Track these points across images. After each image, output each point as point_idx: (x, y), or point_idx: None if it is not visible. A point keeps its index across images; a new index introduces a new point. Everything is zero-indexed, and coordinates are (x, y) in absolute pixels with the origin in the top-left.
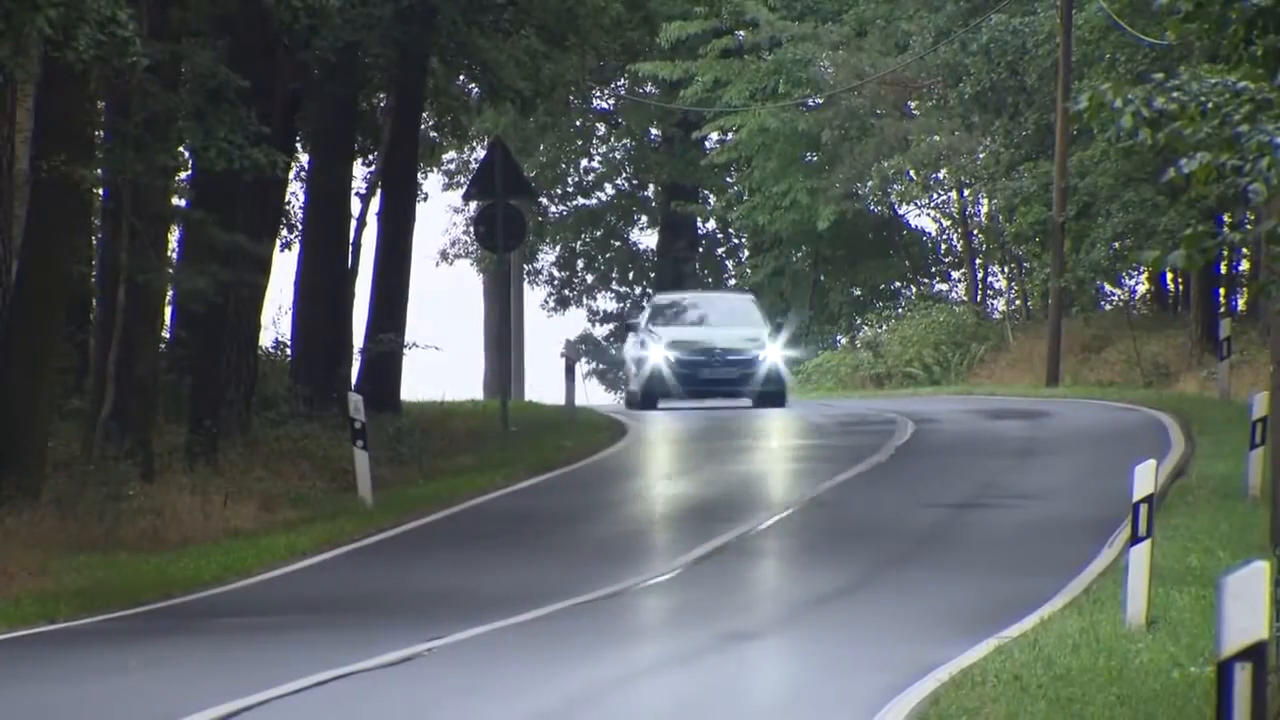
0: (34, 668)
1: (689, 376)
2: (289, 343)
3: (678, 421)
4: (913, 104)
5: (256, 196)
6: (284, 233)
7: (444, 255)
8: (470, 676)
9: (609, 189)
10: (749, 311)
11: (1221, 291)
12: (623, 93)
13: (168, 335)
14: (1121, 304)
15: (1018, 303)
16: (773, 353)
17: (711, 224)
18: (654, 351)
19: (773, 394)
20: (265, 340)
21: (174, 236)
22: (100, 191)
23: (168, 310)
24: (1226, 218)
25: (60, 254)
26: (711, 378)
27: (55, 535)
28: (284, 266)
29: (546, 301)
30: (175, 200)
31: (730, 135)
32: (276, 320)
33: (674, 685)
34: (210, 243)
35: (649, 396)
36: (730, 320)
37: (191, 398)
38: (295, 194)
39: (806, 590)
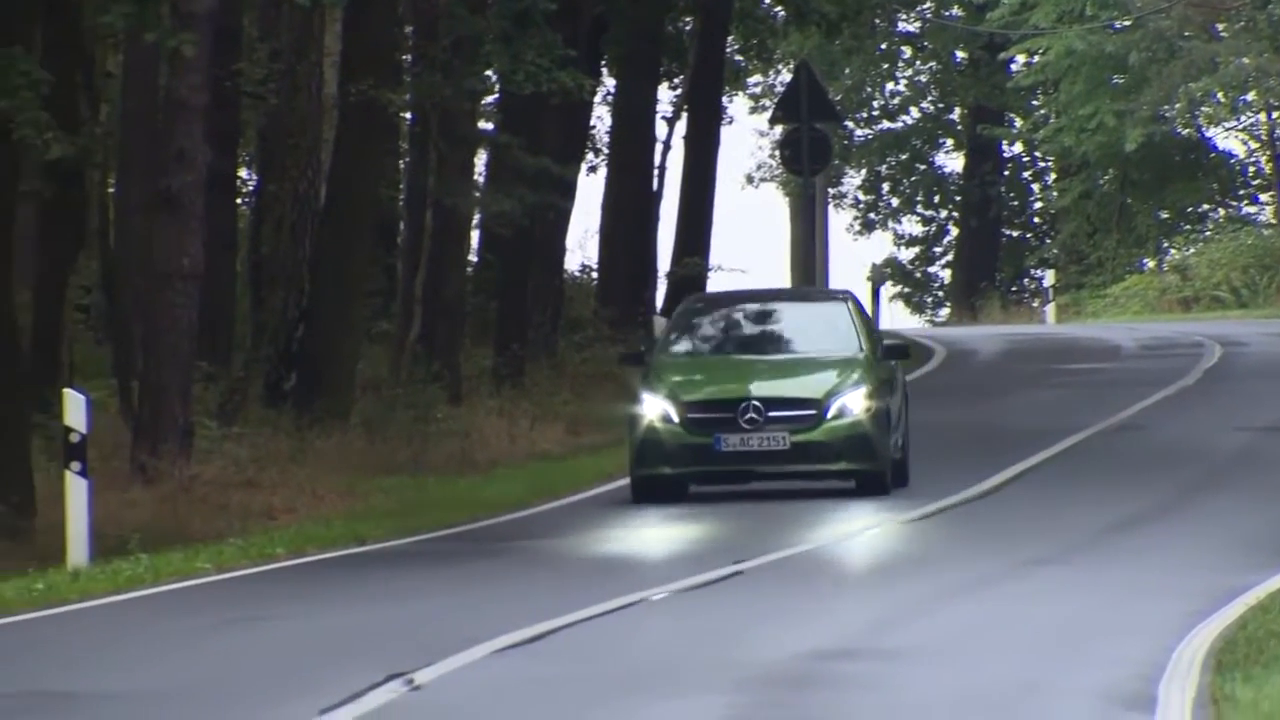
0: (344, 589)
1: (700, 450)
2: (595, 266)
3: (987, 344)
4: (1220, 26)
5: (563, 120)
6: (590, 156)
7: (749, 179)
8: (773, 601)
9: (914, 112)
10: (836, 328)
11: None
12: (928, 15)
13: (474, 259)
14: None
15: None
16: (860, 401)
17: (1017, 147)
18: (650, 404)
19: (864, 473)
20: (571, 264)
21: (480, 160)
22: (407, 116)
23: (474, 234)
24: None
25: (368, 178)
26: (739, 450)
27: (364, 458)
28: (589, 190)
29: (852, 225)
30: (482, 124)
31: (1036, 58)
32: (583, 244)
33: (973, 609)
34: (516, 166)
35: (640, 481)
36: (798, 343)
37: (498, 321)
38: (601, 117)
39: (1109, 515)
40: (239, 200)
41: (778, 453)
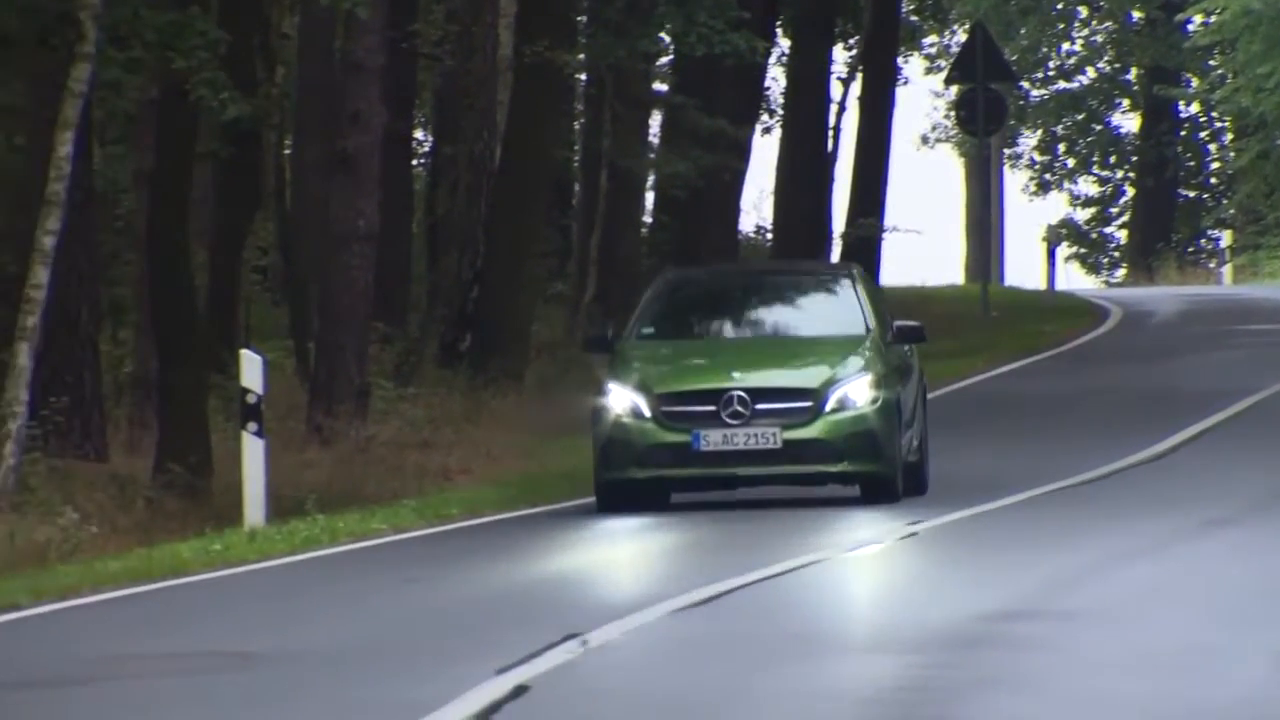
0: (519, 549)
1: (676, 450)
2: (769, 228)
3: (1163, 305)
4: None
5: (737, 81)
6: (764, 117)
7: (924, 139)
8: (949, 561)
9: (1090, 72)
10: (839, 306)
11: None
12: None
13: (648, 220)
14: None
15: None
16: (865, 391)
17: (1193, 107)
18: (617, 396)
19: (869, 477)
20: (745, 225)
21: (655, 121)
22: (582, 77)
23: (648, 195)
24: None
25: (543, 140)
26: (721, 450)
27: (539, 418)
28: (764, 151)
29: (1027, 186)
30: (656, 85)
31: (1213, 17)
32: (757, 205)
33: (1149, 570)
34: (691, 127)
35: (605, 487)
36: (793, 324)
37: None
38: (775, 78)
39: None
40: (414, 162)
41: (767, 452)
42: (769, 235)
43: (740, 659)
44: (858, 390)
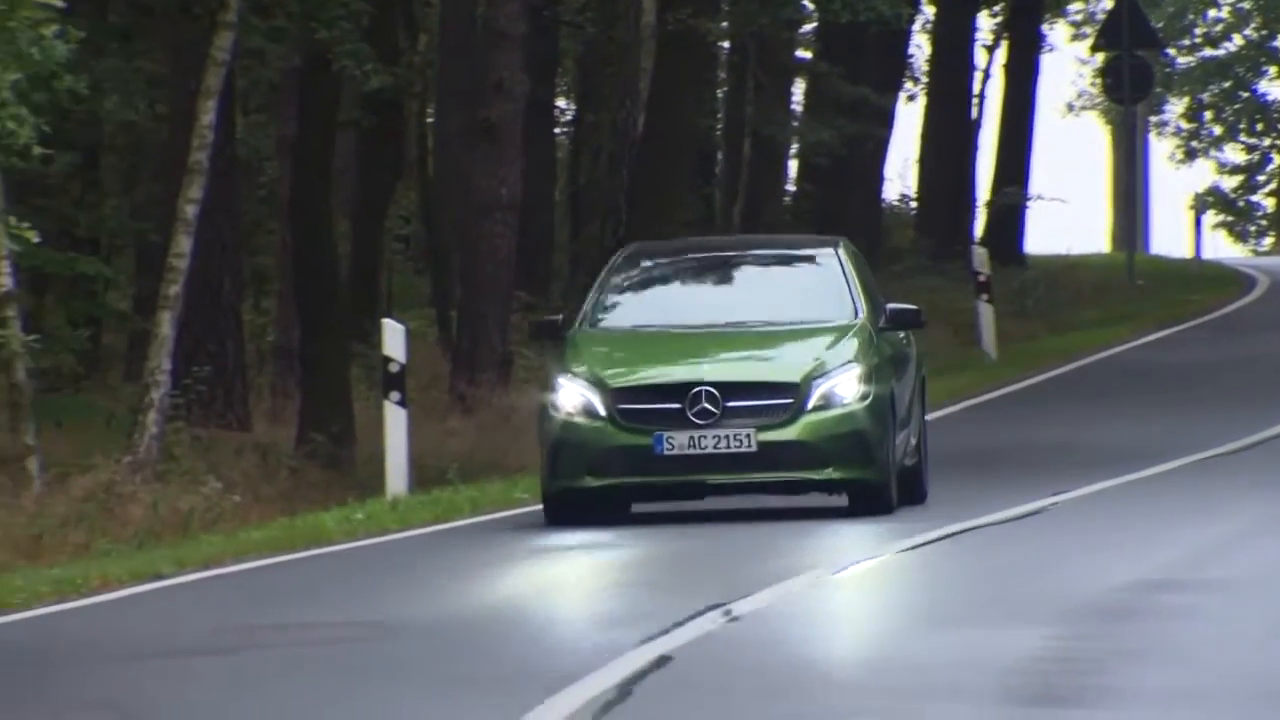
0: (663, 519)
1: (634, 454)
2: (913, 196)
3: None
4: None
5: (881, 48)
6: (908, 84)
7: (1069, 107)
8: (1095, 531)
9: (1236, 39)
10: (822, 287)
11: None
12: None
13: (791, 188)
14: None
15: None
16: (853, 385)
17: None
18: (567, 392)
19: (858, 484)
20: (889, 193)
21: (798, 89)
22: (725, 44)
23: (791, 163)
24: None
25: (686, 108)
26: (687, 454)
27: None
28: (908, 119)
29: (1173, 154)
30: (799, 52)
31: None
32: (901, 173)
33: None
34: (834, 95)
35: (554, 497)
36: (770, 308)
37: None
38: (920, 45)
39: None
40: (557, 130)
41: (740, 456)
42: (913, 204)
43: (883, 631)
44: (845, 384)
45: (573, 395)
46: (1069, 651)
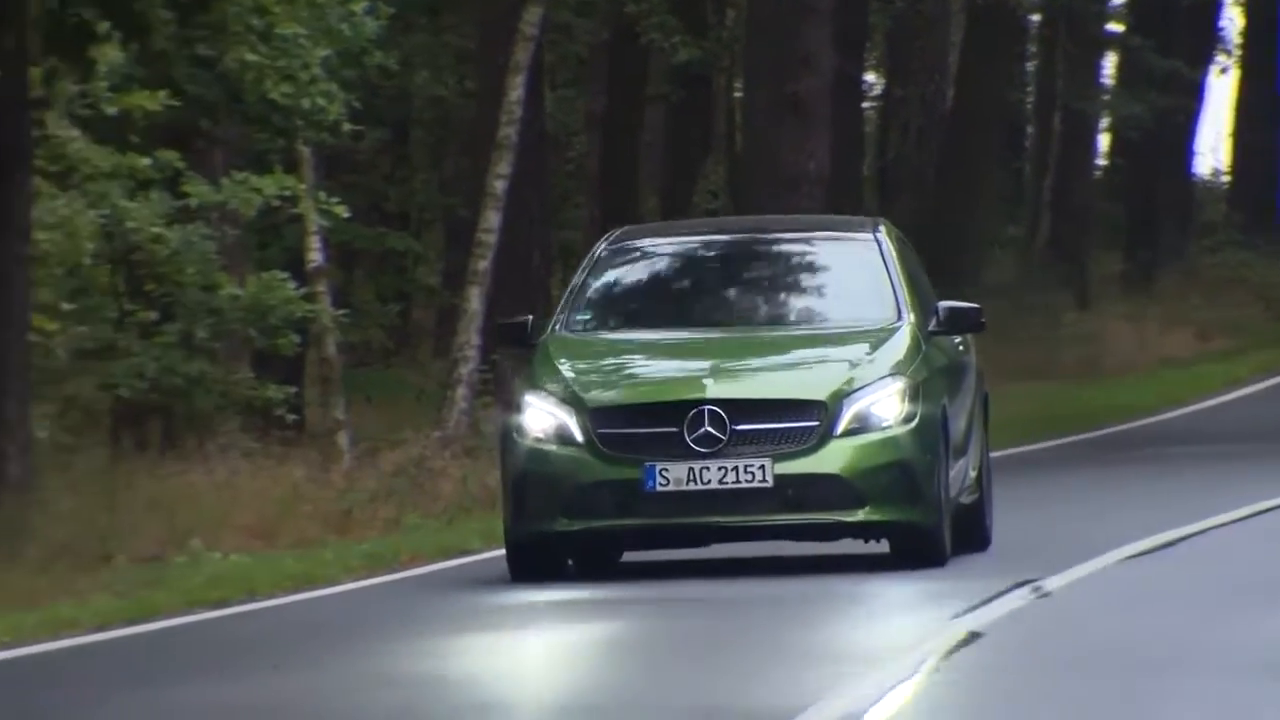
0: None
1: (620, 490)
2: (1224, 169)
3: None
4: None
5: (1192, 21)
6: (1219, 58)
7: None
8: None
9: None
10: (858, 280)
11: None
12: None
13: (1101, 162)
14: None
15: None
16: (895, 404)
17: None
18: (535, 413)
19: (901, 528)
20: (1201, 168)
21: (1108, 62)
22: (1035, 17)
23: (1102, 137)
24: None
25: (995, 81)
26: (685, 491)
27: (991, 363)
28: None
29: None
30: (1110, 26)
31: None
32: (1214, 147)
33: None
34: (1146, 68)
35: (521, 544)
36: (792, 307)
37: (1126, 226)
38: (1231, 18)
39: None
40: (865, 104)
41: (752, 494)
42: (1224, 178)
43: (1191, 609)
44: (885, 403)
45: (542, 416)
46: None
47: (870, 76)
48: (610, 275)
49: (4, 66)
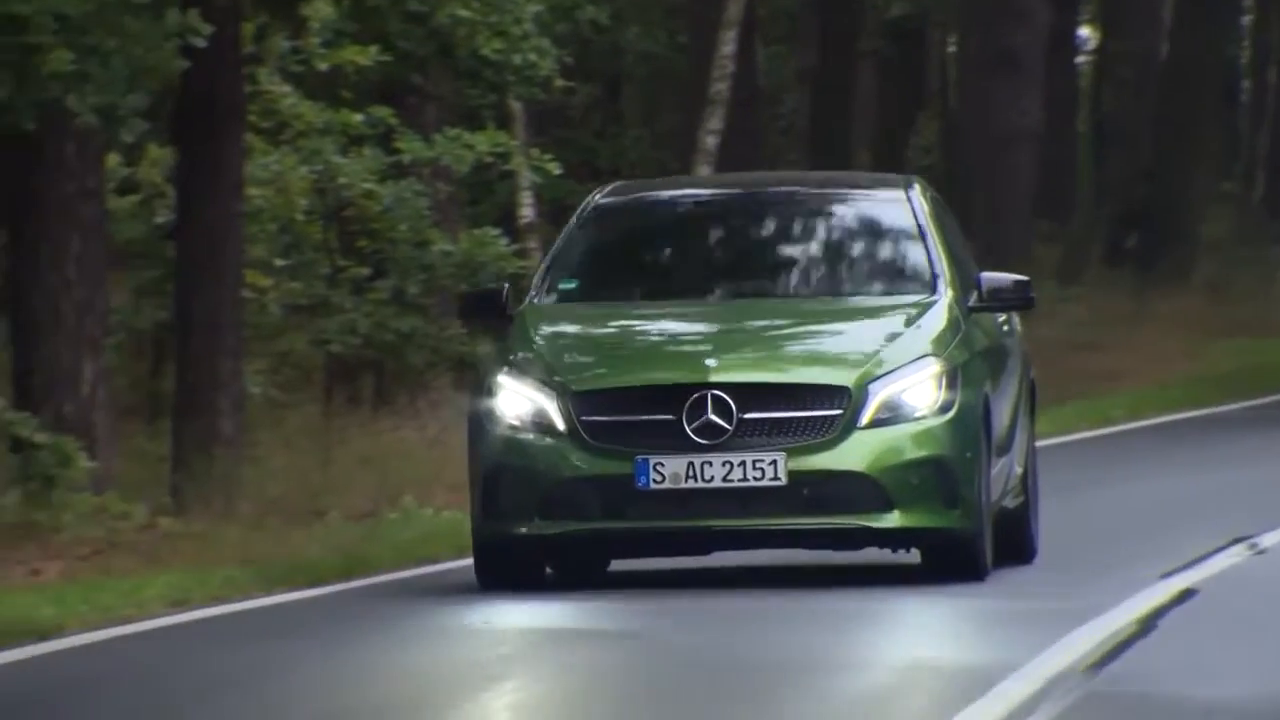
0: (1184, 453)
1: (608, 487)
2: None
3: None
4: None
5: None
6: None
7: None
8: None
9: None
10: (888, 245)
11: None
12: None
13: None
14: None
15: None
16: (929, 391)
17: None
18: (510, 397)
19: (934, 535)
20: None
21: None
22: None
23: None
24: None
25: (1210, 35)
26: (683, 489)
27: (1205, 319)
28: None
29: None
30: None
31: None
32: None
33: None
34: None
35: (490, 546)
36: (809, 276)
37: None
38: None
39: None
40: (1079, 59)
41: (762, 493)
42: None
43: None
44: (918, 389)
45: (518, 400)
46: None
47: (1084, 30)
48: (601, 236)
49: (217, 23)
